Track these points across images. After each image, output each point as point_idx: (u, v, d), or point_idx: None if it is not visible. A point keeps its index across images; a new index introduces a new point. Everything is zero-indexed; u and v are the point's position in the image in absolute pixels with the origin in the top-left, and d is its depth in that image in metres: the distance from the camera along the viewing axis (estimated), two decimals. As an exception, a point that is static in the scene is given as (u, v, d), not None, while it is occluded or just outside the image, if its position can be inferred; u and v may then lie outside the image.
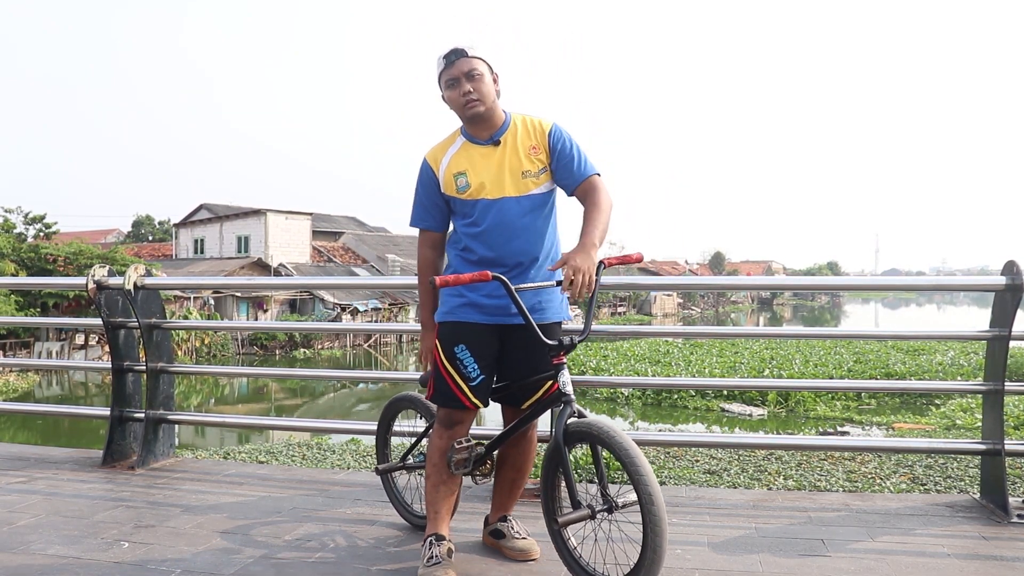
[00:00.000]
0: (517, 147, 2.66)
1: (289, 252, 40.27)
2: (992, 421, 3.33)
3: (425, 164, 2.71)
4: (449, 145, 2.71)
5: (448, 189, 2.67)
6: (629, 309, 57.52)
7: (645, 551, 2.20)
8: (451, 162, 2.67)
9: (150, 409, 4.07)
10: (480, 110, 2.60)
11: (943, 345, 22.55)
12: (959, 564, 2.65)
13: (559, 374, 2.48)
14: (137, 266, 4.05)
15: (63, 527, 3.05)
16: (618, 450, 2.26)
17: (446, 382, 2.62)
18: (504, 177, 2.63)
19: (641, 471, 2.21)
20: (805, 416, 13.56)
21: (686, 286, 3.93)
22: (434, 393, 2.68)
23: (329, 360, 31.05)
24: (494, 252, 2.62)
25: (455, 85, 2.59)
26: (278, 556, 2.74)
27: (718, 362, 19.64)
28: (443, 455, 2.63)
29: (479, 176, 2.64)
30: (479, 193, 2.63)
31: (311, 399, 21.13)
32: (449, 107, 2.67)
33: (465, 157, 2.67)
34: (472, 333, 2.62)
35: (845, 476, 5.99)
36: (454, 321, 2.64)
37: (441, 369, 2.63)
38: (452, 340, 2.63)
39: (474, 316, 2.62)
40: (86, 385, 23.81)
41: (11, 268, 25.70)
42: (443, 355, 2.64)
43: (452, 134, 2.75)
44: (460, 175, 2.65)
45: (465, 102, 2.59)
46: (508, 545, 2.77)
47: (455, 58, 2.58)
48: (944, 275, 29.62)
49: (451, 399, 2.62)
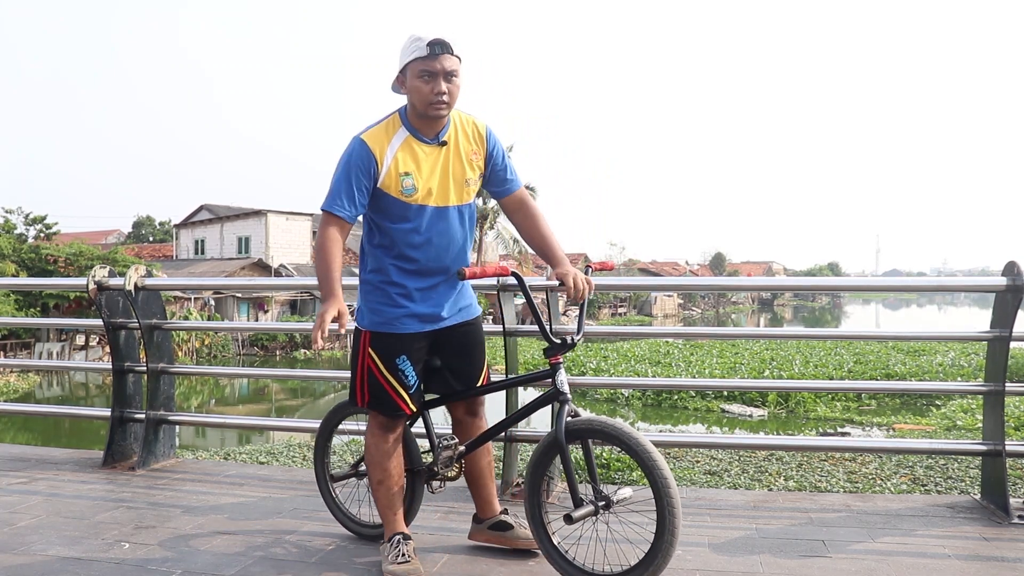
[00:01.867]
0: (460, 152, 2.56)
1: (290, 253, 40.26)
2: (993, 422, 3.32)
3: (364, 147, 2.45)
4: (391, 134, 2.49)
5: (389, 187, 2.48)
6: (630, 310, 57.51)
7: (662, 534, 2.24)
8: (397, 158, 2.48)
9: (151, 410, 4.06)
10: (444, 113, 2.47)
11: (944, 346, 22.53)
12: (960, 565, 2.65)
13: (556, 373, 2.51)
14: (138, 267, 4.04)
15: (64, 528, 3.04)
16: (627, 441, 2.31)
17: (386, 391, 2.59)
18: (449, 185, 2.55)
19: (653, 456, 2.27)
20: (805, 417, 13.55)
21: (687, 287, 3.93)
22: (371, 400, 2.62)
23: (330, 361, 31.02)
24: (436, 262, 2.56)
25: (430, 79, 2.40)
26: (279, 557, 2.74)
27: (718, 363, 19.63)
28: (388, 456, 2.64)
29: (426, 181, 2.50)
30: (426, 199, 2.51)
31: (312, 400, 21.12)
32: (406, 94, 2.49)
33: (411, 155, 2.49)
34: (411, 342, 2.61)
35: (846, 477, 5.99)
36: (395, 333, 2.58)
37: (379, 378, 2.59)
38: (394, 351, 2.59)
39: (414, 326, 2.60)
40: (87, 386, 23.82)
41: (12, 269, 25.70)
42: (382, 365, 2.59)
43: (391, 120, 2.53)
44: (406, 175, 2.48)
45: (435, 101, 2.41)
46: (518, 534, 2.75)
47: (440, 51, 2.38)
48: (945, 276, 29.54)
49: (392, 407, 2.61)
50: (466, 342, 2.73)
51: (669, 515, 2.23)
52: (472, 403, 2.81)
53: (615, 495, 2.38)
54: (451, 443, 2.71)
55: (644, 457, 2.27)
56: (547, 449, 2.50)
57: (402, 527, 2.67)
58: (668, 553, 2.24)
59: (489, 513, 2.83)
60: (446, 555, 2.75)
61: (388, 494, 2.66)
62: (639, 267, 64.30)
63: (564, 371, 2.52)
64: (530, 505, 2.54)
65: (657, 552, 2.25)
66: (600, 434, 2.38)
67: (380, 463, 2.65)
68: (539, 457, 2.53)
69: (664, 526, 2.24)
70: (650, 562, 2.26)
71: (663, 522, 2.24)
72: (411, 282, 2.56)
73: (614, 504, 2.37)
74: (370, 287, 2.61)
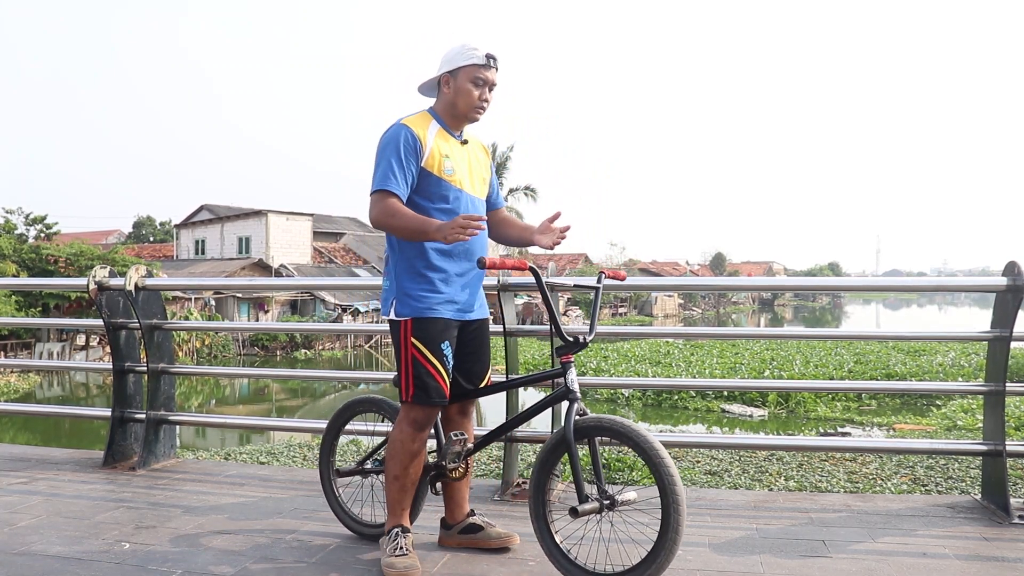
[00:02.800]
0: (477, 154, 2.79)
1: (290, 253, 40.26)
2: (993, 422, 3.32)
3: (408, 130, 2.59)
4: (427, 123, 2.65)
5: (432, 166, 2.60)
6: (630, 310, 57.51)
7: (666, 532, 2.25)
8: (437, 142, 2.63)
9: (151, 410, 4.07)
10: (479, 118, 2.68)
11: (944, 346, 22.51)
12: (960, 565, 2.65)
13: (567, 372, 2.54)
14: (138, 267, 4.05)
15: (64, 528, 3.05)
16: (636, 439, 2.33)
17: (433, 377, 2.59)
18: (475, 177, 2.75)
19: (661, 455, 2.29)
20: (806, 417, 13.54)
21: (687, 287, 3.94)
22: (415, 392, 2.60)
23: (330, 361, 31.04)
24: (466, 244, 2.62)
25: (480, 86, 2.62)
26: (279, 557, 2.74)
27: (719, 363, 19.62)
28: (414, 456, 2.64)
29: (459, 167, 2.67)
30: (460, 183, 2.67)
31: (312, 400, 21.13)
32: (449, 94, 2.64)
33: (445, 143, 2.66)
34: (451, 328, 2.66)
35: (846, 477, 5.99)
36: (438, 318, 2.61)
37: (426, 365, 2.59)
38: (439, 337, 2.62)
39: (452, 312, 2.65)
40: (87, 386, 23.82)
41: (12, 269, 25.70)
42: (429, 352, 2.59)
43: (423, 114, 2.69)
44: (446, 158, 2.64)
45: (479, 106, 2.64)
46: (490, 534, 2.78)
47: (494, 64, 2.63)
48: (945, 276, 29.57)
49: (439, 394, 2.62)
50: (481, 340, 2.80)
51: (674, 513, 2.24)
52: (466, 403, 2.84)
53: (619, 495, 2.39)
54: (461, 438, 2.71)
55: (652, 455, 2.29)
56: (555, 447, 2.51)
57: (405, 520, 2.69)
58: (672, 551, 2.25)
59: (459, 517, 2.84)
60: (446, 555, 2.75)
61: (402, 490, 2.67)
62: (639, 267, 64.30)
63: (574, 370, 2.55)
64: (534, 503, 2.54)
65: (661, 550, 2.26)
66: (609, 432, 2.40)
67: (403, 461, 2.65)
68: (547, 455, 2.53)
69: (669, 524, 2.25)
70: (653, 560, 2.27)
71: (668, 520, 2.25)
72: (452, 266, 2.63)
73: (618, 505, 2.39)
74: (411, 274, 2.62)
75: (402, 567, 2.53)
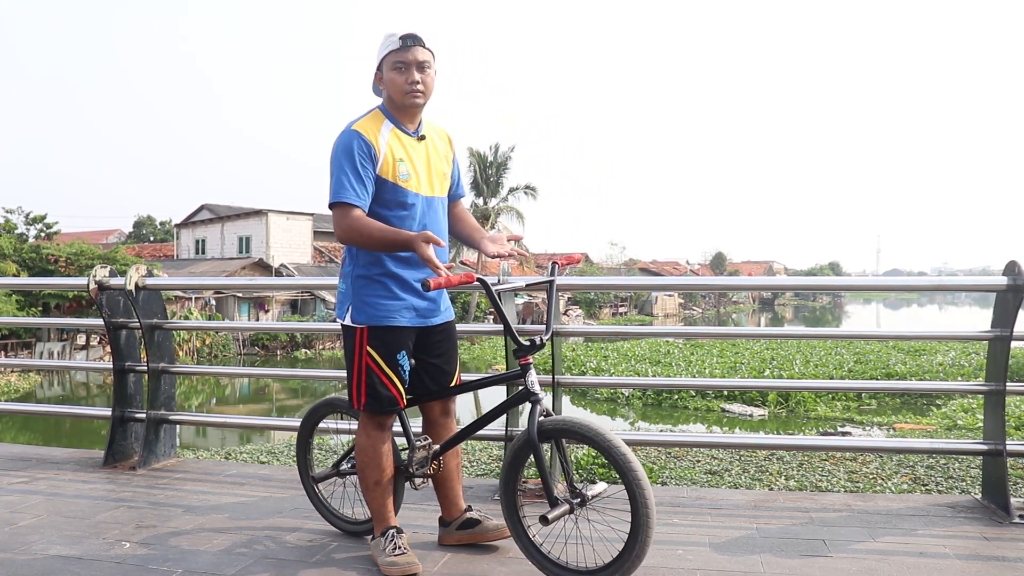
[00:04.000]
0: (437, 147, 2.70)
1: (290, 252, 40.25)
2: (993, 422, 3.32)
3: (359, 136, 2.50)
4: (378, 125, 2.56)
5: (387, 172, 2.53)
6: (630, 310, 57.49)
7: (636, 532, 2.27)
8: (390, 144, 2.54)
9: (151, 409, 4.07)
10: (420, 102, 2.56)
11: (944, 345, 22.52)
12: (961, 565, 2.65)
13: (527, 374, 2.52)
14: (138, 266, 4.05)
15: (64, 527, 3.05)
16: (599, 441, 2.34)
17: (386, 387, 2.59)
18: (433, 175, 2.66)
19: (627, 456, 2.29)
20: (806, 416, 13.54)
21: (687, 286, 3.93)
22: (368, 401, 2.60)
23: (330, 360, 31.02)
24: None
25: (403, 70, 2.52)
26: (279, 556, 2.74)
27: (719, 362, 19.62)
28: (385, 456, 2.65)
29: (415, 168, 2.60)
30: (417, 188, 2.60)
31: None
32: (384, 88, 2.59)
33: (398, 144, 2.57)
34: (407, 336, 2.63)
35: (846, 476, 5.99)
36: (395, 326, 2.59)
37: (380, 375, 2.58)
38: (395, 346, 2.60)
39: (411, 319, 2.62)
40: (87, 385, 23.82)
41: (12, 268, 25.71)
42: (382, 361, 2.58)
43: (374, 115, 2.60)
44: (400, 162, 2.55)
45: (409, 90, 2.53)
46: (487, 527, 2.79)
47: (411, 43, 2.51)
48: (945, 275, 29.58)
49: (390, 403, 2.61)
50: (449, 343, 2.79)
51: (643, 512, 2.26)
52: (446, 404, 2.84)
53: (589, 491, 2.41)
54: (425, 443, 2.73)
55: (617, 456, 2.30)
56: (520, 449, 2.53)
57: (391, 521, 2.70)
58: (644, 549, 2.29)
59: (455, 514, 2.85)
60: (446, 555, 2.75)
61: (383, 492, 2.68)
62: (640, 267, 64.29)
63: (534, 372, 2.53)
64: (506, 503, 2.56)
65: (632, 548, 2.29)
66: (572, 434, 2.41)
67: (377, 463, 2.65)
68: (513, 457, 2.55)
69: (639, 523, 2.27)
70: (625, 558, 2.30)
71: (637, 519, 2.28)
72: (409, 273, 2.59)
73: (589, 500, 2.41)
74: (365, 281, 2.60)
75: (405, 564, 2.54)
